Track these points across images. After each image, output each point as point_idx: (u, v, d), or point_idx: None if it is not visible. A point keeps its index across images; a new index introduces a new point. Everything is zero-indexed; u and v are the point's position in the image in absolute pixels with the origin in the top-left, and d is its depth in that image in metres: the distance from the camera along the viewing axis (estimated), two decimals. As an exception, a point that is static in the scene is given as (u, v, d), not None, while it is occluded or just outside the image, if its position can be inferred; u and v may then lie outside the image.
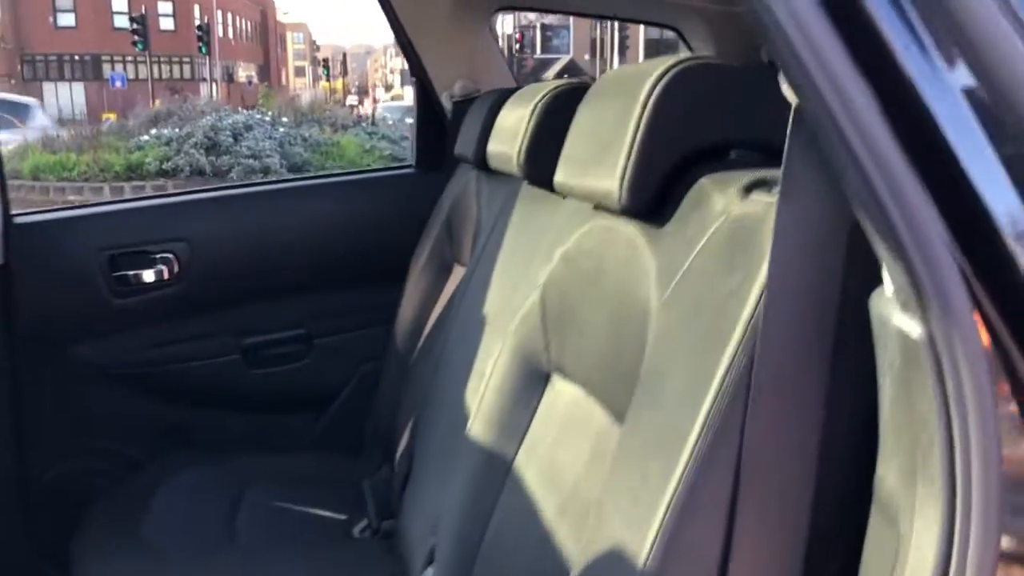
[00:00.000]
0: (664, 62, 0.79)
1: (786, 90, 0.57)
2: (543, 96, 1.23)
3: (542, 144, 1.20)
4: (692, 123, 0.78)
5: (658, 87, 0.78)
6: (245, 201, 2.03)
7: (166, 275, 1.87)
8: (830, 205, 0.57)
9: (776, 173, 0.69)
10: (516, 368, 1.07)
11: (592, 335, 0.91)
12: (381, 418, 1.84)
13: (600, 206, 0.92)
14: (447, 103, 2.00)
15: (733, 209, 0.70)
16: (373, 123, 9.22)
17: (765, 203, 0.66)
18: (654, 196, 0.79)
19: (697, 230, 0.72)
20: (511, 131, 1.30)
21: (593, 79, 1.16)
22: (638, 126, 0.78)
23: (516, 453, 1.03)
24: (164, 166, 6.55)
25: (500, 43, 2.22)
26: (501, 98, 1.52)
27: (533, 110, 1.23)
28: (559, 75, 16.74)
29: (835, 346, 0.58)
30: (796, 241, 0.58)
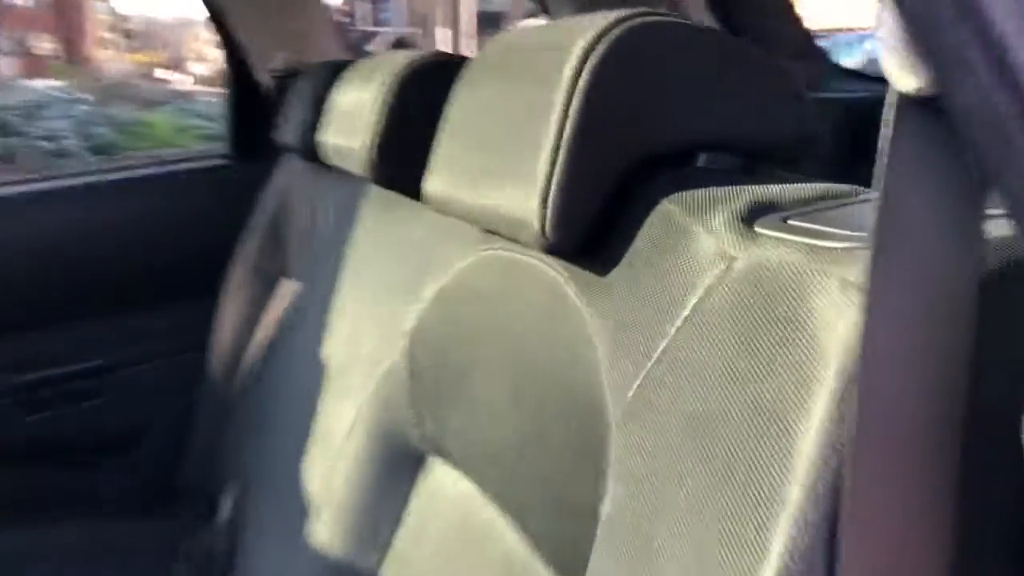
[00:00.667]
0: (598, 19, 0.53)
1: (899, 69, 0.32)
2: (397, 72, 0.93)
3: (397, 136, 0.91)
4: (646, 114, 0.52)
5: (592, 59, 0.51)
6: (18, 203, 1.62)
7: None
8: (957, 249, 0.33)
9: (784, 190, 0.44)
10: (378, 446, 0.78)
11: (491, 420, 0.64)
12: (198, 466, 1.50)
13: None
14: (266, 79, 1.66)
15: (735, 252, 0.44)
16: (189, 99, 8.52)
17: (797, 245, 0.41)
18: (591, 226, 0.53)
19: (675, 286, 0.46)
20: (351, 117, 1.00)
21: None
22: (563, 120, 0.51)
23: (380, 565, 0.75)
24: (-62, 151, 5.71)
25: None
26: (334, 73, 1.22)
27: (383, 90, 0.93)
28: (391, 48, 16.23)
29: (967, 498, 0.33)
30: (898, 322, 0.33)
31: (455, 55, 0.95)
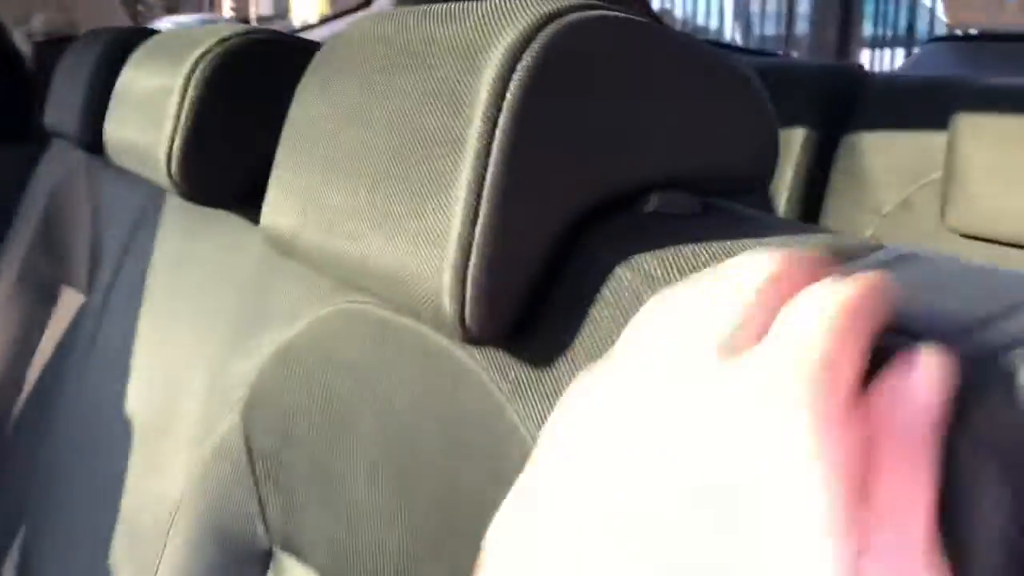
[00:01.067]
0: (514, 7, 0.39)
1: None
2: (211, 52, 0.73)
3: (209, 138, 0.72)
4: (596, 145, 0.39)
5: (521, 71, 0.37)
6: None
7: None
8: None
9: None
10: (210, 540, 0.62)
11: (363, 522, 0.50)
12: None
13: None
14: (24, 45, 1.37)
15: None
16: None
17: None
18: (524, 305, 0.39)
19: None
20: (147, 108, 0.79)
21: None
22: (484, 158, 0.37)
23: None
24: None
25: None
26: (119, 45, 0.99)
27: (192, 77, 0.73)
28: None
29: None
30: None
31: (288, 34, 0.76)
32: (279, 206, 0.51)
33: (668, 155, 0.40)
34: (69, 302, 1.19)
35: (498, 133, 0.37)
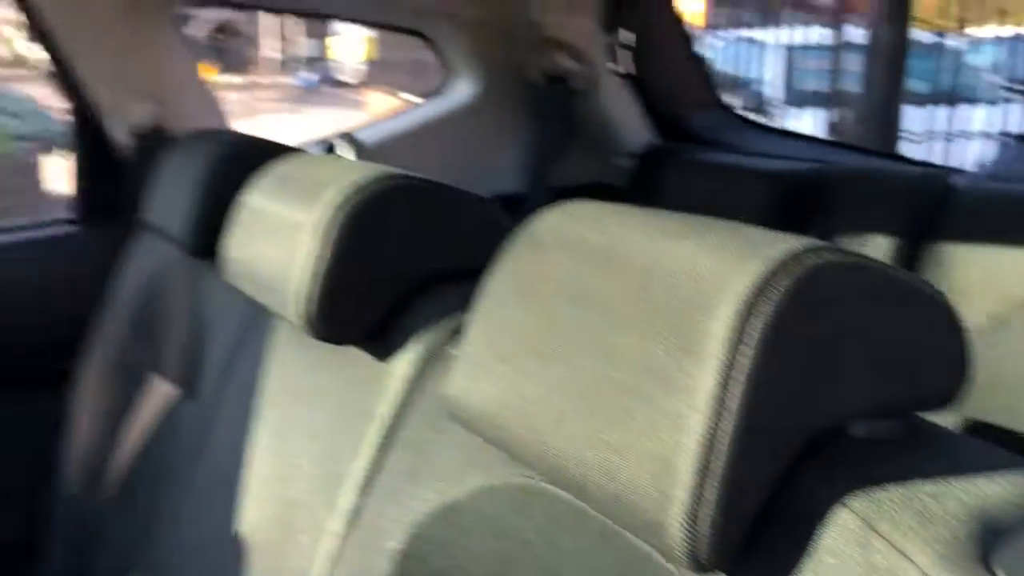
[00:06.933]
0: (745, 246, 0.40)
1: None
2: (348, 196, 0.75)
3: (343, 284, 0.75)
4: (823, 383, 0.40)
5: (759, 316, 0.38)
6: None
7: None
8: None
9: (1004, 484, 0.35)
10: None
11: None
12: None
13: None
14: (121, 135, 1.42)
15: None
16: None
17: None
18: (743, 538, 0.40)
19: None
20: (274, 241, 0.81)
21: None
22: (719, 404, 0.38)
23: None
24: None
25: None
26: (233, 155, 1.03)
27: (326, 222, 0.75)
28: (217, 30, 15.36)
29: None
30: None
31: (419, 178, 0.78)
32: (467, 381, 0.53)
33: (875, 382, 0.42)
34: (159, 391, 1.21)
35: (734, 375, 0.38)
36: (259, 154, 0.97)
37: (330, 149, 1.51)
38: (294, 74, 17.02)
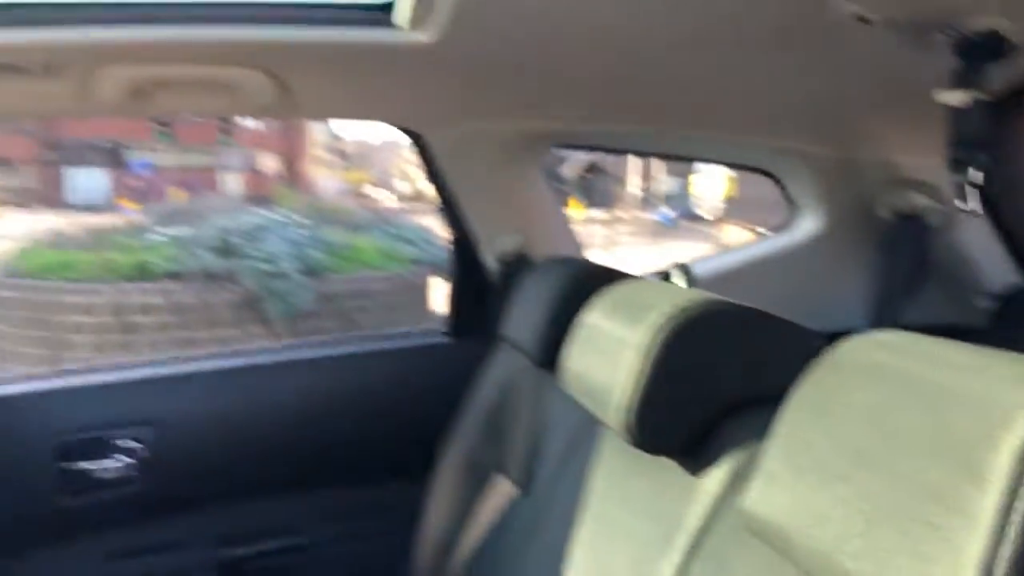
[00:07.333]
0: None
1: None
2: (665, 318, 0.83)
3: (661, 397, 0.81)
4: None
5: None
6: (226, 375, 1.65)
7: (127, 468, 1.48)
8: None
9: None
10: None
11: None
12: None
13: None
14: (491, 262, 1.63)
15: None
16: (393, 220, 8.98)
17: None
18: None
19: None
20: (603, 355, 0.90)
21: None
22: (1001, 527, 0.39)
23: None
24: (172, 268, 6.23)
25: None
26: (574, 278, 1.15)
27: (648, 340, 0.83)
28: (587, 170, 16.60)
29: None
30: None
31: (735, 304, 0.84)
32: (764, 495, 0.57)
33: None
34: (501, 489, 1.34)
35: (1016, 504, 0.38)
36: (601, 279, 1.09)
37: (666, 277, 1.60)
38: (655, 210, 17.75)
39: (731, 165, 1.83)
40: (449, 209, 1.67)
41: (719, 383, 0.82)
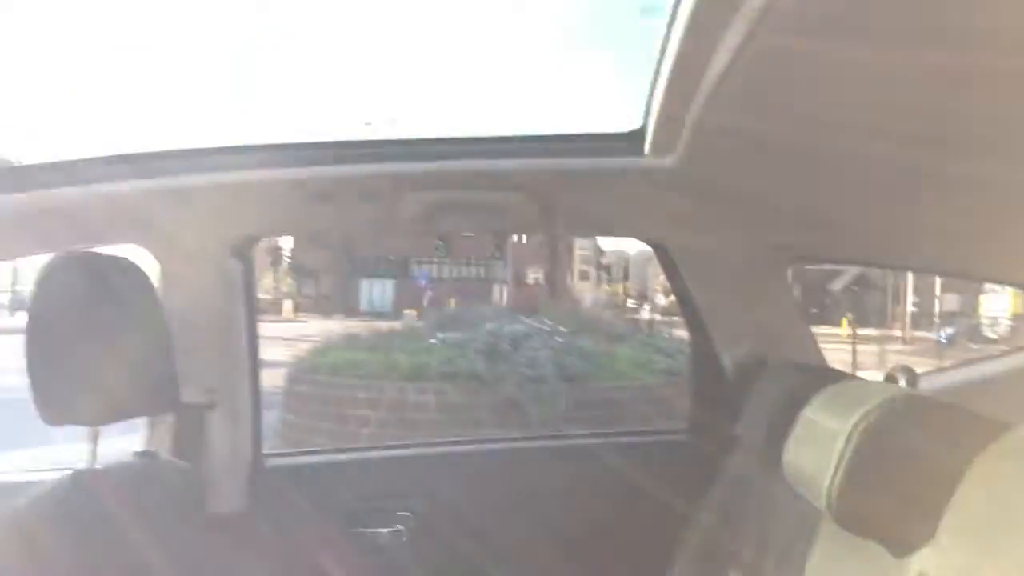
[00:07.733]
0: None
1: None
2: (871, 411, 0.92)
3: (866, 483, 0.90)
4: None
5: None
6: (492, 457, 1.86)
7: (402, 535, 1.71)
8: None
9: None
10: None
11: None
12: None
13: None
14: (728, 364, 1.74)
15: None
16: (650, 331, 9.08)
17: None
18: None
19: None
20: (818, 445, 1.00)
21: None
22: None
23: None
24: (445, 369, 6.76)
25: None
26: (804, 383, 1.24)
27: (855, 430, 0.92)
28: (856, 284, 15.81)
29: None
30: None
31: (947, 403, 0.91)
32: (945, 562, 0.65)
33: None
34: (734, 577, 1.42)
35: None
36: (828, 380, 1.17)
37: (890, 379, 1.61)
38: (935, 329, 16.48)
39: (965, 276, 1.81)
40: (692, 316, 1.80)
41: (920, 470, 0.88)
